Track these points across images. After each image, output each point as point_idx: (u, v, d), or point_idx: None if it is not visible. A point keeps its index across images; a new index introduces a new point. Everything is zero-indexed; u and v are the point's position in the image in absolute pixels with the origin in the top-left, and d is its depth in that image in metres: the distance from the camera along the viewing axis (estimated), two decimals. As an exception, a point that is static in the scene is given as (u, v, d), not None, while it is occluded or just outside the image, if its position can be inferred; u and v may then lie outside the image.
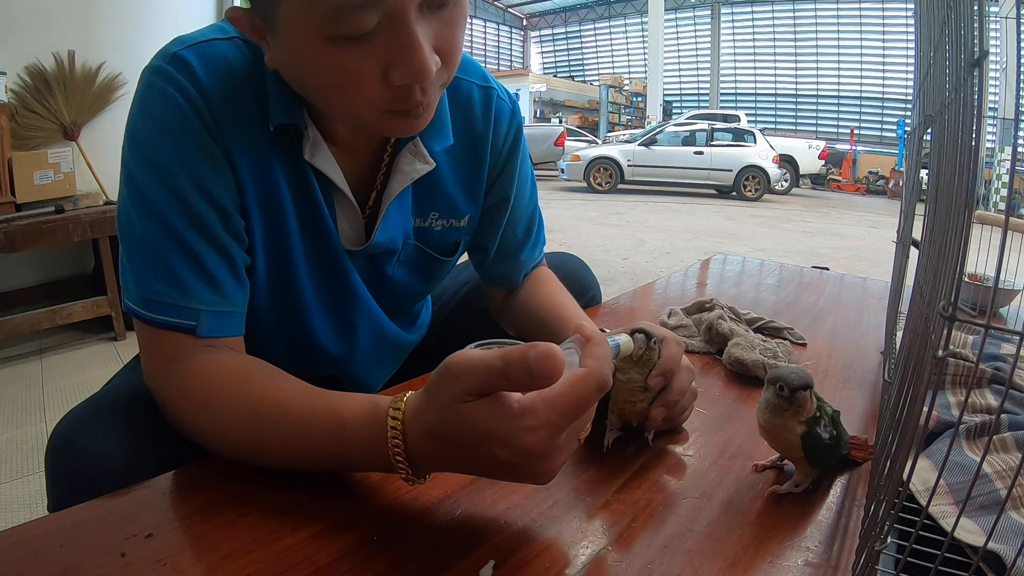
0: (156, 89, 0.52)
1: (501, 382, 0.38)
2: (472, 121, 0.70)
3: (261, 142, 0.56)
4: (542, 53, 29.68)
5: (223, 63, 0.54)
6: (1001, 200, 7.64)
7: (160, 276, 0.52)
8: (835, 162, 13.81)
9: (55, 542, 0.41)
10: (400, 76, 0.47)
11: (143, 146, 0.53)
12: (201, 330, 0.53)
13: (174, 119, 0.52)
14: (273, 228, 0.60)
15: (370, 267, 0.69)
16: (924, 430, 0.50)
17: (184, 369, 0.51)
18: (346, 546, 0.42)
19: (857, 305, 1.12)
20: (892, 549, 0.43)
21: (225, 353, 0.54)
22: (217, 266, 0.54)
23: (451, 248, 0.74)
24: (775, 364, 0.75)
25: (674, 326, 0.86)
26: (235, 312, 0.56)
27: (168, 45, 0.54)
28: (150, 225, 0.52)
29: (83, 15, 2.74)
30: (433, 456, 0.42)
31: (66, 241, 2.37)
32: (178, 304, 0.52)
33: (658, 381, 0.56)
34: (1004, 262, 0.26)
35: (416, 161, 0.63)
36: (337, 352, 0.71)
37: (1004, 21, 1.43)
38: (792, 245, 5.60)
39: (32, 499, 1.47)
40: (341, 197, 0.62)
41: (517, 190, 0.77)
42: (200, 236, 0.53)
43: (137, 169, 0.53)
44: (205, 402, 0.50)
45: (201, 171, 0.53)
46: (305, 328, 0.68)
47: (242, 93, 0.55)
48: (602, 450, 0.56)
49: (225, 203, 0.55)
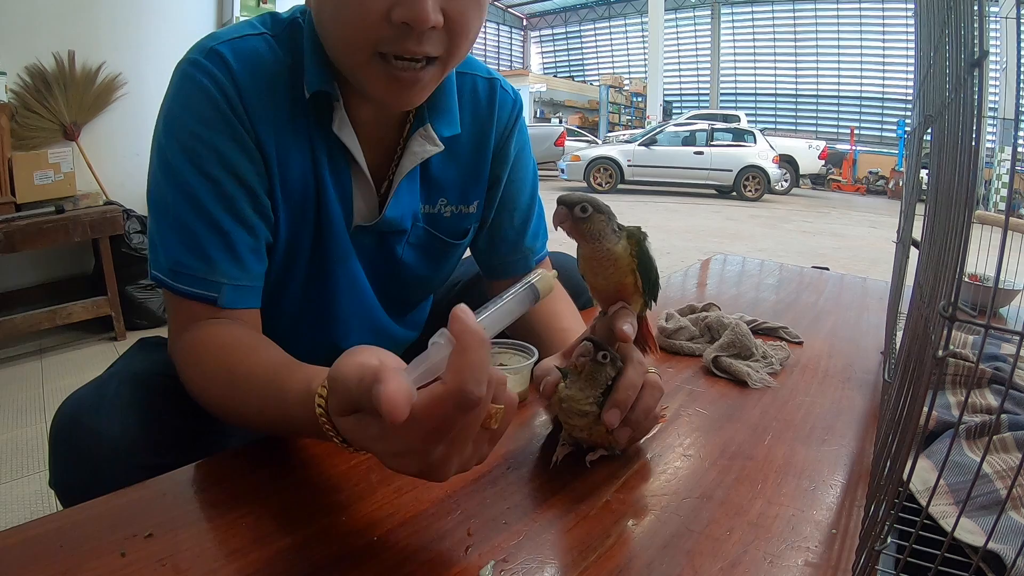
0: (193, 80, 0.57)
1: (364, 402, 0.36)
2: (478, 111, 0.74)
3: (291, 126, 0.62)
4: (542, 53, 29.68)
5: (256, 57, 0.60)
6: (1001, 200, 7.63)
7: (190, 251, 0.57)
8: (835, 162, 13.80)
9: (55, 542, 0.41)
10: (400, 13, 0.51)
11: (179, 132, 0.57)
12: (222, 301, 0.58)
13: (208, 109, 0.57)
14: (296, 207, 0.64)
15: (380, 246, 0.72)
16: (924, 430, 0.50)
17: (191, 337, 0.57)
18: (346, 546, 0.42)
19: (857, 305, 1.12)
20: (892, 549, 0.43)
21: (225, 325, 0.58)
22: (242, 244, 0.59)
23: (461, 233, 0.77)
24: (759, 369, 0.76)
25: (673, 329, 0.86)
26: (254, 286, 0.61)
27: (205, 40, 0.59)
28: (183, 205, 0.57)
29: (83, 15, 2.74)
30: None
31: (66, 241, 2.37)
32: (204, 277, 0.57)
33: (613, 415, 0.50)
34: (1004, 262, 0.26)
35: (426, 143, 0.68)
36: (329, 339, 0.73)
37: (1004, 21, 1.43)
38: (792, 245, 5.60)
39: (32, 499, 1.47)
40: (358, 173, 0.67)
41: (516, 175, 0.79)
42: (229, 215, 0.58)
43: (172, 153, 0.57)
44: (198, 367, 0.56)
45: (232, 156, 0.58)
46: (303, 314, 0.71)
47: (274, 84, 0.60)
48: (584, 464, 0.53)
49: (254, 185, 0.60)
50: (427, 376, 0.37)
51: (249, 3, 3.16)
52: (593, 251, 0.53)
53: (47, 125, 2.66)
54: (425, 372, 0.37)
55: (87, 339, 2.53)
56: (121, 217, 2.49)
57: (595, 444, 0.54)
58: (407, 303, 0.82)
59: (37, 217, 2.30)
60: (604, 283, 0.54)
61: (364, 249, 0.71)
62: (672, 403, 0.67)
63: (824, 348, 0.87)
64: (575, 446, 0.55)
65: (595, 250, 0.53)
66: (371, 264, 0.72)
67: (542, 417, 0.62)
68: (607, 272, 0.53)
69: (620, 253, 0.52)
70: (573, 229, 0.53)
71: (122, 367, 0.65)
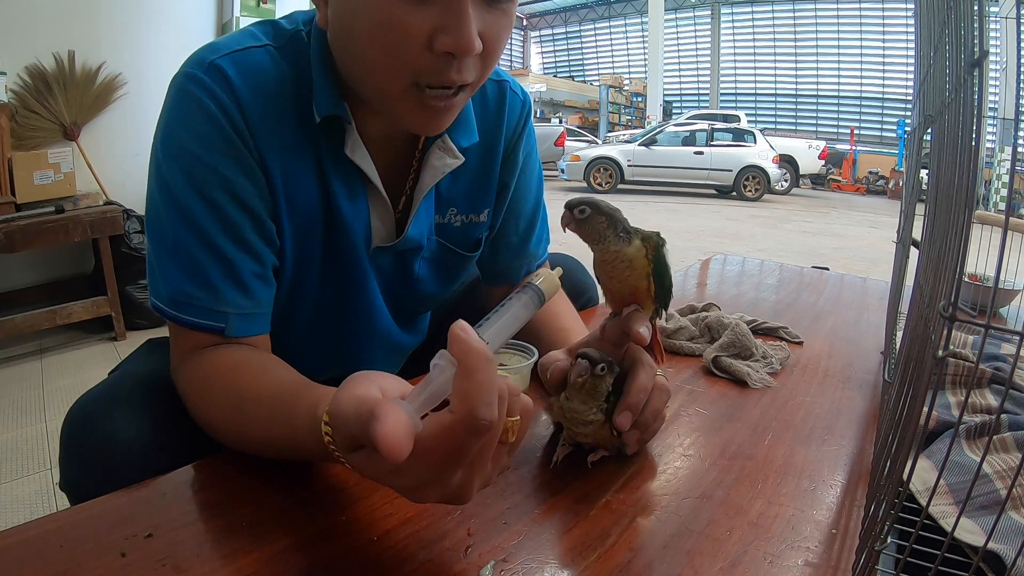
0: (191, 98, 0.53)
1: (365, 439, 0.34)
2: (487, 116, 0.71)
3: (298, 146, 0.58)
4: (542, 53, 29.66)
5: (259, 71, 0.56)
6: (1001, 200, 7.63)
7: (192, 280, 0.54)
8: (835, 162, 13.80)
9: (55, 542, 0.41)
10: (445, 43, 0.49)
11: (178, 153, 0.54)
12: (229, 331, 0.55)
13: (209, 128, 0.53)
14: (302, 231, 0.62)
15: (398, 265, 0.70)
16: (924, 430, 0.50)
17: (196, 364, 0.55)
18: (346, 547, 0.42)
19: (857, 305, 1.12)
20: (892, 549, 0.43)
21: (232, 349, 0.56)
22: (247, 271, 0.56)
23: (473, 244, 0.75)
24: (759, 369, 0.76)
25: (673, 329, 0.86)
26: (262, 313, 0.59)
27: (203, 52, 0.55)
28: (184, 230, 0.54)
29: (83, 15, 2.74)
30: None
31: (66, 241, 2.37)
32: (210, 307, 0.55)
33: (625, 417, 0.50)
34: (1004, 262, 0.26)
35: (446, 156, 0.65)
36: (341, 354, 0.72)
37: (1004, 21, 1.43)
38: (792, 245, 5.60)
39: (32, 499, 1.47)
40: (375, 194, 0.64)
41: (523, 180, 0.77)
42: (233, 242, 0.55)
43: (171, 175, 0.54)
44: (202, 394, 0.54)
45: (234, 179, 0.55)
46: (312, 332, 0.69)
47: (279, 101, 0.57)
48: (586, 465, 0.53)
49: (257, 209, 0.56)
50: (432, 401, 0.36)
51: (249, 3, 3.16)
52: (600, 253, 0.53)
53: (47, 125, 2.66)
54: (429, 398, 0.36)
55: (87, 339, 2.53)
56: (121, 217, 2.49)
57: (598, 446, 0.54)
58: (416, 312, 0.80)
59: (37, 217, 2.30)
60: (619, 286, 0.54)
61: (382, 270, 0.69)
62: (672, 403, 0.67)
63: (824, 348, 0.87)
64: (575, 446, 0.55)
65: (601, 252, 0.53)
66: (387, 282, 0.70)
67: (542, 417, 0.62)
68: (623, 275, 0.53)
69: (634, 255, 0.52)
70: (577, 231, 0.53)
71: (133, 368, 0.65)
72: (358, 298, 0.68)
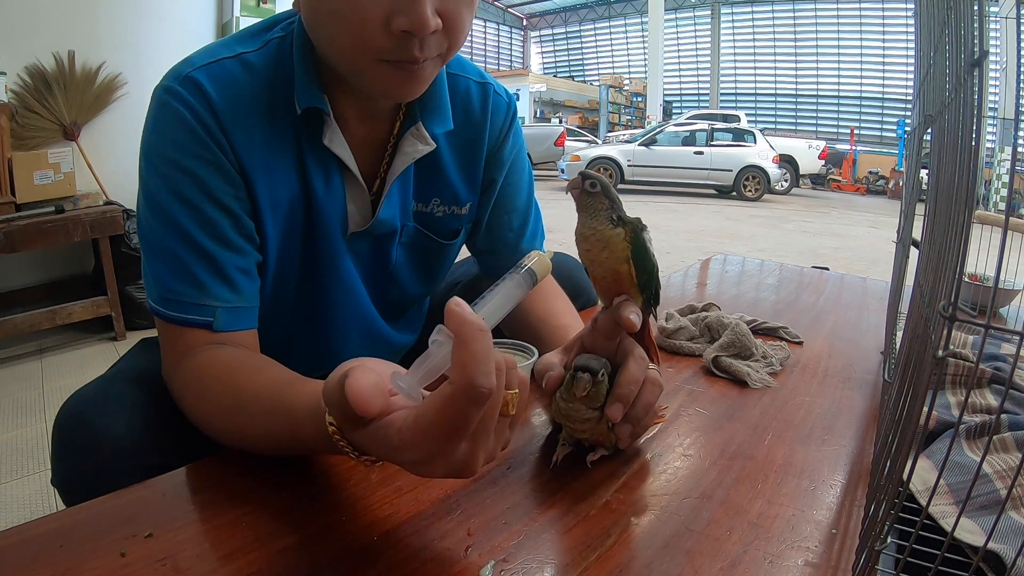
0: (168, 109, 0.57)
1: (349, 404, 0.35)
2: (471, 114, 0.74)
3: (277, 144, 0.61)
4: (542, 53, 29.67)
5: (231, 80, 0.59)
6: (1001, 200, 7.64)
7: (179, 278, 0.56)
8: (835, 162, 13.80)
9: (55, 542, 0.41)
10: (401, 23, 0.50)
11: (156, 160, 0.57)
12: (217, 325, 0.57)
13: (184, 135, 0.56)
14: (285, 224, 0.64)
15: (375, 249, 0.72)
16: (924, 430, 0.50)
17: (188, 365, 0.55)
18: (346, 546, 0.42)
19: (857, 305, 1.12)
20: (892, 549, 0.43)
21: (224, 350, 0.56)
22: (231, 266, 0.58)
23: (451, 233, 0.78)
24: (759, 369, 0.76)
25: (673, 329, 0.86)
26: (248, 307, 0.60)
27: (180, 66, 0.59)
28: (167, 232, 0.57)
29: (83, 15, 2.74)
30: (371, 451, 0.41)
31: (66, 241, 2.37)
32: (196, 302, 0.56)
33: (616, 408, 0.51)
34: (1004, 262, 0.26)
35: (418, 143, 0.67)
36: (328, 350, 0.73)
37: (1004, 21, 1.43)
38: (792, 245, 5.60)
39: (32, 499, 1.47)
40: (351, 179, 0.66)
41: (511, 179, 0.80)
42: (214, 240, 0.58)
43: (152, 182, 0.57)
44: (198, 395, 0.54)
45: (210, 181, 0.57)
46: (296, 325, 0.71)
47: (253, 105, 0.60)
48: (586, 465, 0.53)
49: (235, 208, 0.59)
50: (431, 376, 0.37)
51: (249, 3, 3.16)
52: (584, 226, 0.54)
53: (47, 125, 2.66)
54: (428, 372, 0.37)
55: (87, 339, 2.53)
56: (121, 217, 2.49)
57: (597, 443, 0.54)
58: (402, 306, 0.82)
59: (37, 217, 2.30)
60: (601, 271, 0.54)
61: (359, 255, 0.71)
62: (672, 403, 0.67)
63: (824, 348, 0.87)
64: (575, 446, 0.55)
65: (585, 226, 0.54)
66: (365, 269, 0.72)
67: (542, 417, 0.62)
68: (601, 255, 0.53)
69: (611, 236, 0.53)
70: (578, 198, 0.54)
71: (126, 366, 0.65)
72: (337, 287, 0.70)
